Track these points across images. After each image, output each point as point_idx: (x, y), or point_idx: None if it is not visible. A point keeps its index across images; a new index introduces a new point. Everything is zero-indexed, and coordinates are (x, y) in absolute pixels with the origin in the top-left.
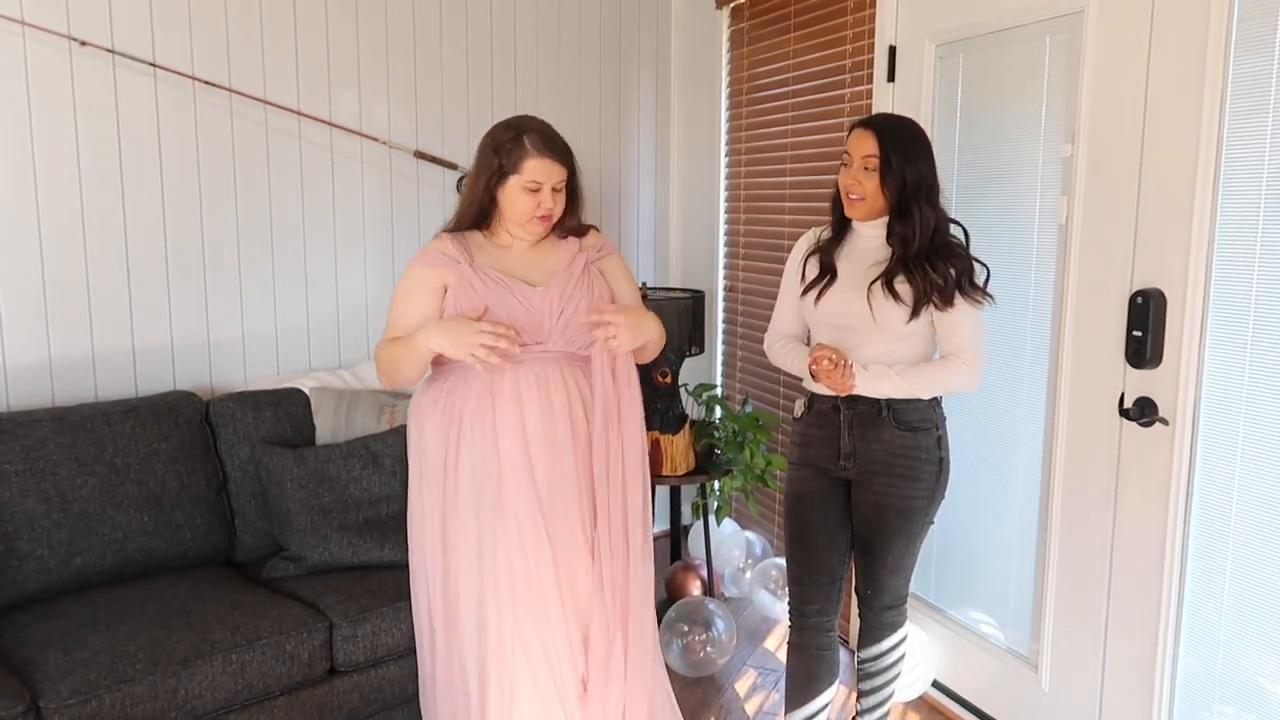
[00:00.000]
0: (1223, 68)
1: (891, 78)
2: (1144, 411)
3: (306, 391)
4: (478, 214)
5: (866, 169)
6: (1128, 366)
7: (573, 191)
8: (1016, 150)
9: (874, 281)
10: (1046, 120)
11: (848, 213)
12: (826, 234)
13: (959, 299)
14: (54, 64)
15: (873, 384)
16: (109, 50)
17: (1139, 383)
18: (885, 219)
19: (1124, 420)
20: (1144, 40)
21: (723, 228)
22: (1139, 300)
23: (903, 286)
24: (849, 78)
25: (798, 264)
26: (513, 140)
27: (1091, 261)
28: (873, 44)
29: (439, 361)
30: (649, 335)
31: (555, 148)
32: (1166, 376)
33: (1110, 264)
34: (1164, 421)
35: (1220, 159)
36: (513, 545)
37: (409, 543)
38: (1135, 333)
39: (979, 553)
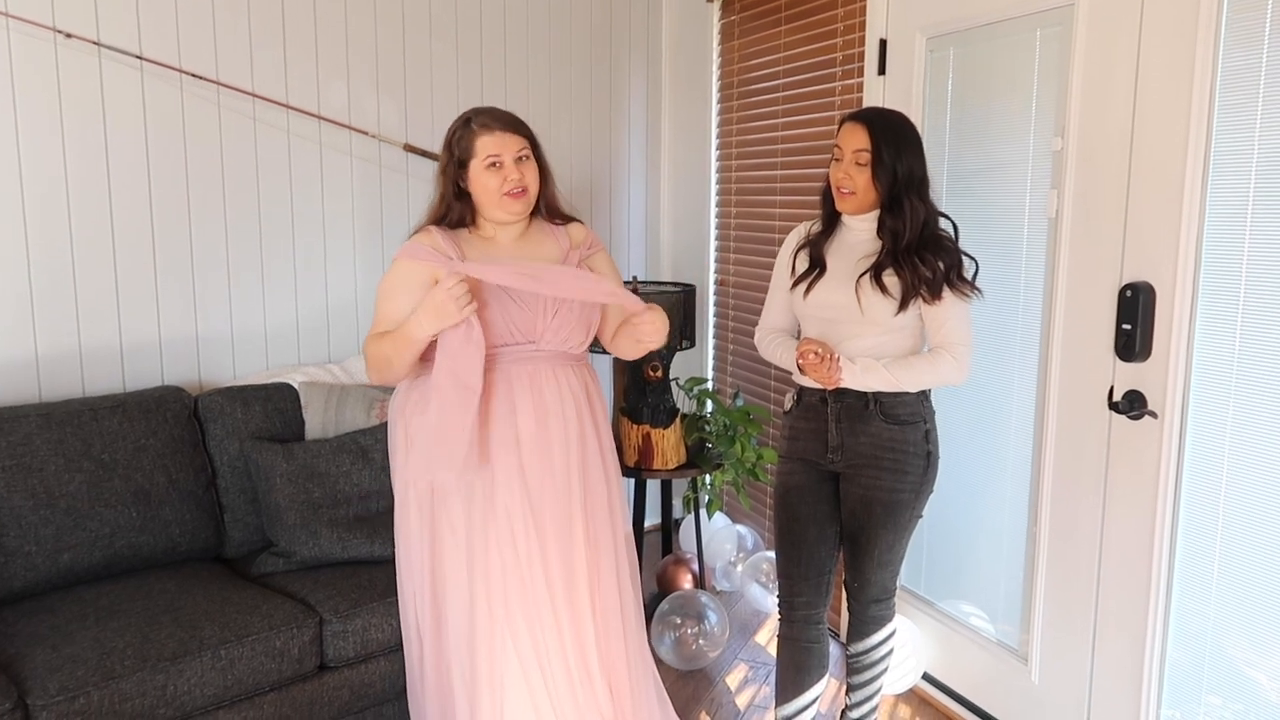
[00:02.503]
0: (1212, 61)
1: (882, 71)
2: (1133, 404)
3: (296, 386)
4: (459, 216)
5: (858, 163)
6: (1117, 360)
7: (540, 163)
8: (1007, 144)
9: (862, 275)
10: (1037, 114)
11: (839, 207)
12: (817, 228)
13: (947, 292)
14: (38, 57)
15: (860, 377)
16: (94, 43)
17: (1128, 376)
18: (876, 213)
19: (1113, 413)
20: (1134, 34)
21: (713, 221)
22: (1128, 293)
23: (890, 279)
24: (840, 71)
25: (788, 258)
26: (461, 128)
27: (1081, 255)
28: (863, 37)
29: (425, 358)
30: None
31: (502, 119)
32: (1155, 370)
33: (1100, 257)
34: (1153, 414)
35: (1209, 152)
36: (504, 542)
37: (396, 542)
38: (1124, 326)
39: (969, 546)
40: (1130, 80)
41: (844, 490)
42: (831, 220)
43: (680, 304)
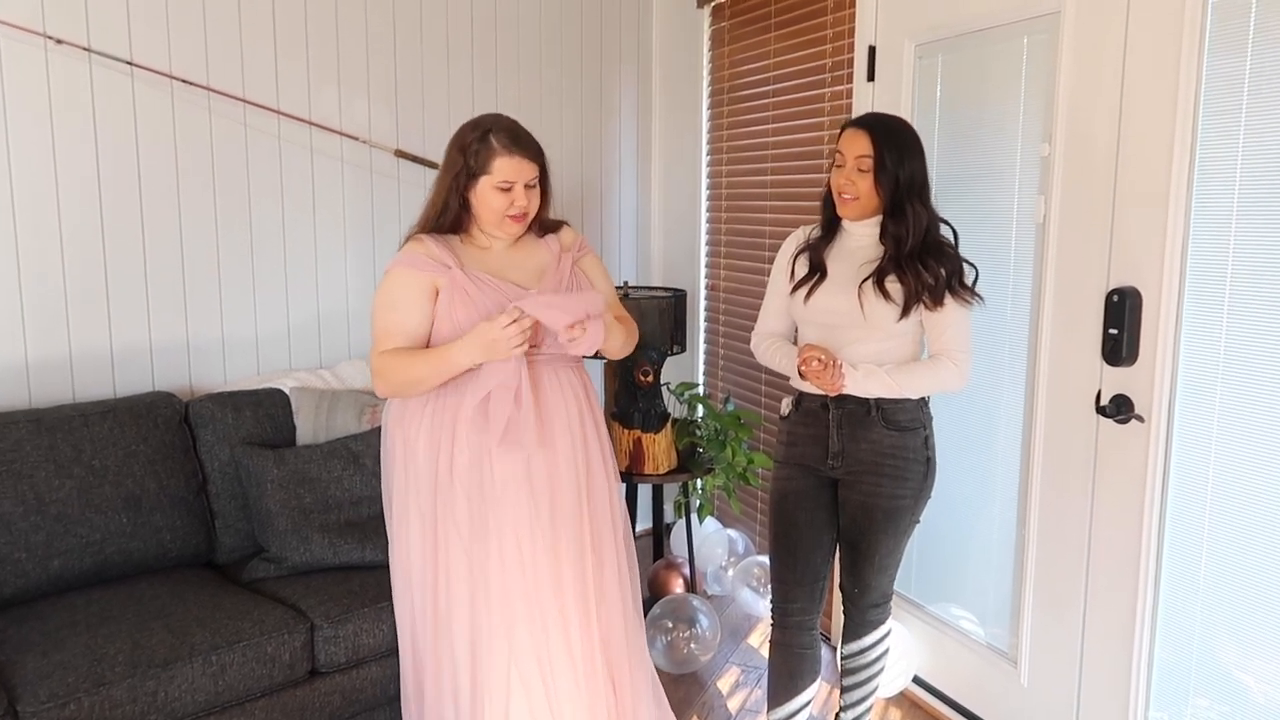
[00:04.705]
0: (1197, 68)
1: (871, 77)
2: (1120, 408)
3: (287, 391)
4: (453, 220)
5: (860, 169)
6: (1104, 364)
7: (544, 188)
8: (995, 150)
9: (865, 280)
10: (1024, 120)
11: (840, 212)
12: (816, 232)
13: (949, 299)
14: (28, 62)
15: (862, 384)
16: (85, 49)
17: (1115, 380)
18: (877, 218)
19: (1100, 417)
20: (1119, 41)
21: (704, 226)
22: (1115, 298)
23: (893, 285)
24: (829, 77)
25: (787, 262)
26: (480, 140)
27: (1068, 260)
28: (853, 44)
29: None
30: (613, 341)
31: (524, 145)
32: (1142, 374)
33: (1087, 262)
34: (1139, 418)
35: (1195, 158)
36: (508, 548)
37: (390, 552)
38: (1111, 330)
39: (959, 549)
40: (1116, 86)
41: (843, 496)
42: (832, 225)
43: (671, 309)
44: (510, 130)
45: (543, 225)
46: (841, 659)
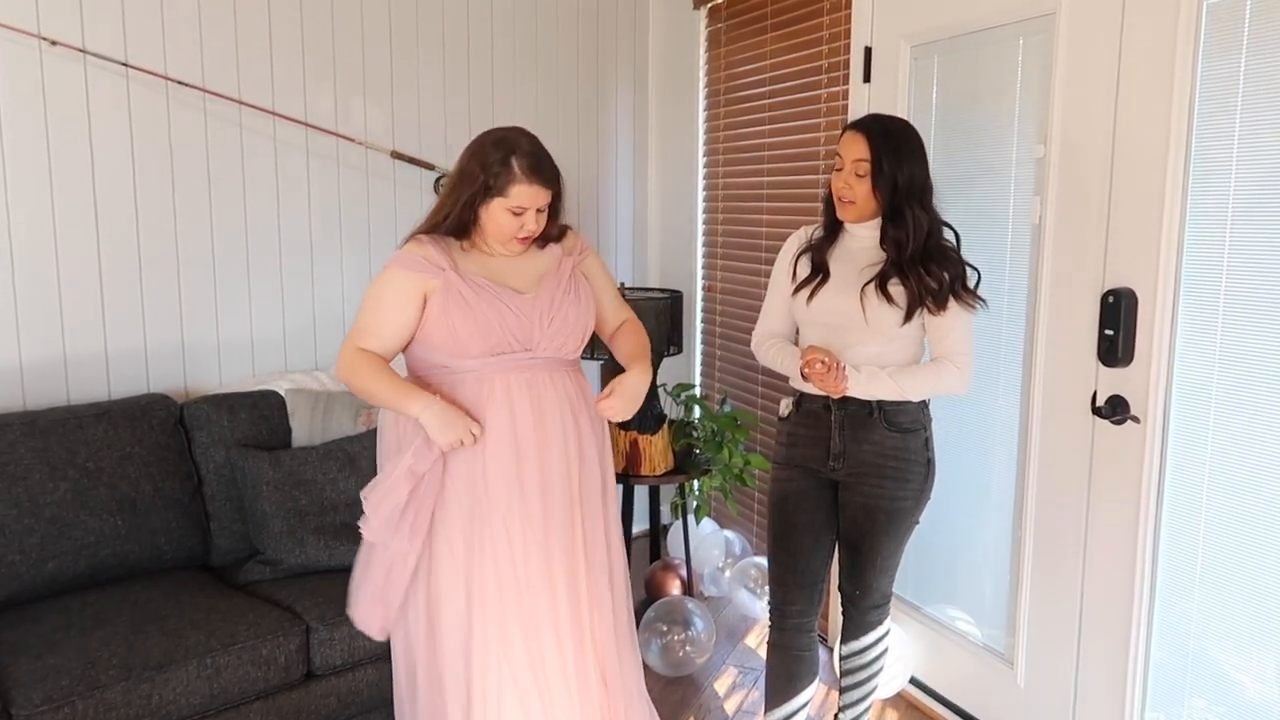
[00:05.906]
0: (1192, 69)
1: (867, 79)
2: (1116, 409)
3: (282, 393)
4: (457, 226)
5: (857, 173)
6: (1100, 365)
7: (555, 209)
8: (991, 151)
9: (867, 283)
10: (1020, 121)
11: (839, 215)
12: (818, 233)
13: (952, 303)
14: (23, 63)
15: (866, 386)
16: (80, 50)
17: (1111, 381)
18: (878, 221)
19: (1096, 418)
20: (1114, 42)
21: (701, 228)
22: (1110, 299)
23: (896, 289)
24: (825, 78)
25: (788, 262)
26: (501, 162)
27: (1064, 261)
28: (849, 45)
29: (419, 373)
30: (641, 399)
31: (543, 173)
32: (1138, 375)
33: (1082, 263)
34: (1135, 419)
35: (1189, 159)
36: (501, 554)
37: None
38: (1107, 331)
39: (956, 550)
40: (1111, 88)
41: (844, 498)
42: (834, 226)
43: (667, 310)
44: (532, 155)
45: (545, 236)
46: (840, 659)
